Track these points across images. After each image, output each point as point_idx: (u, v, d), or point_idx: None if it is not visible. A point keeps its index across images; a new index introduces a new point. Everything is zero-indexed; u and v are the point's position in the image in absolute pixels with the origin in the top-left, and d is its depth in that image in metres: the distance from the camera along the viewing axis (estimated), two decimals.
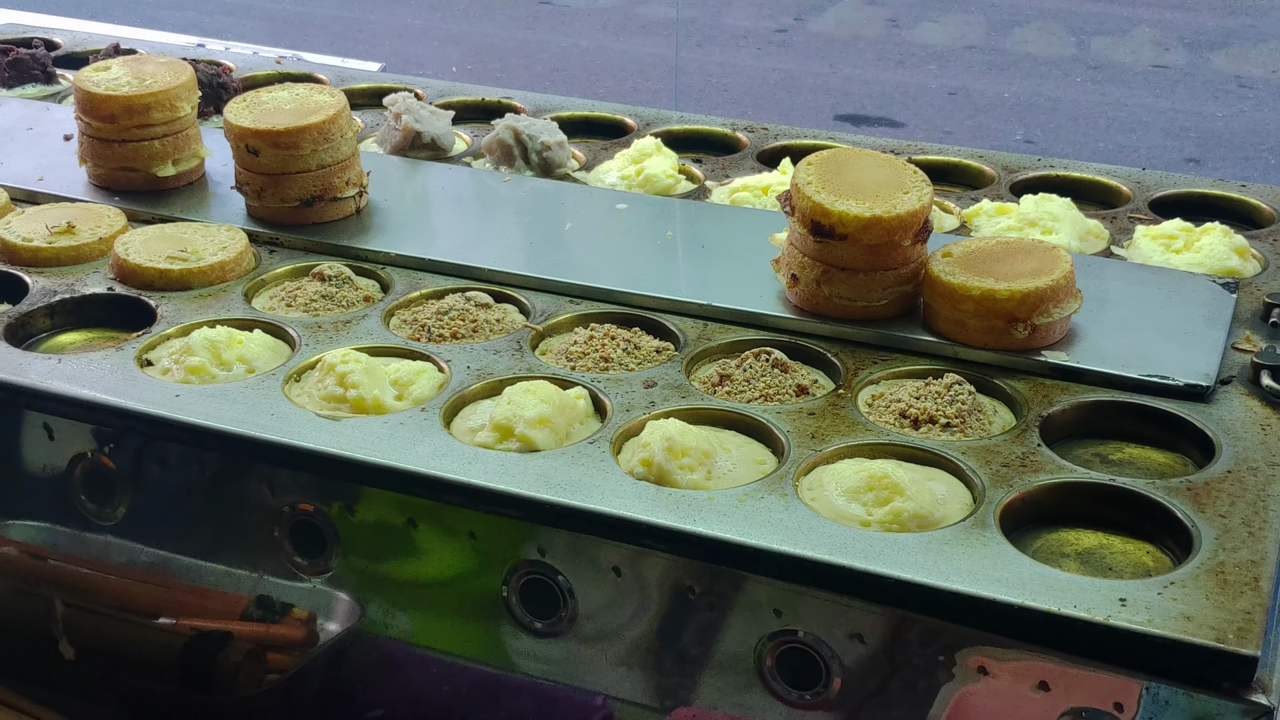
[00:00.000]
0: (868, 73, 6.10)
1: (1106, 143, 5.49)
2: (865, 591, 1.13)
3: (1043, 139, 5.56)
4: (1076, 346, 1.41)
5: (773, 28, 6.55)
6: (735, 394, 1.38)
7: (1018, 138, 5.59)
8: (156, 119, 1.79)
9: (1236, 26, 6.61)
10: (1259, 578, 1.09)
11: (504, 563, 1.27)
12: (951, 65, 6.23)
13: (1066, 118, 5.73)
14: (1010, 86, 6.04)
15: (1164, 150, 5.40)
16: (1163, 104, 5.84)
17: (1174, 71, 6.14)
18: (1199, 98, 5.93)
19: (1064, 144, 5.48)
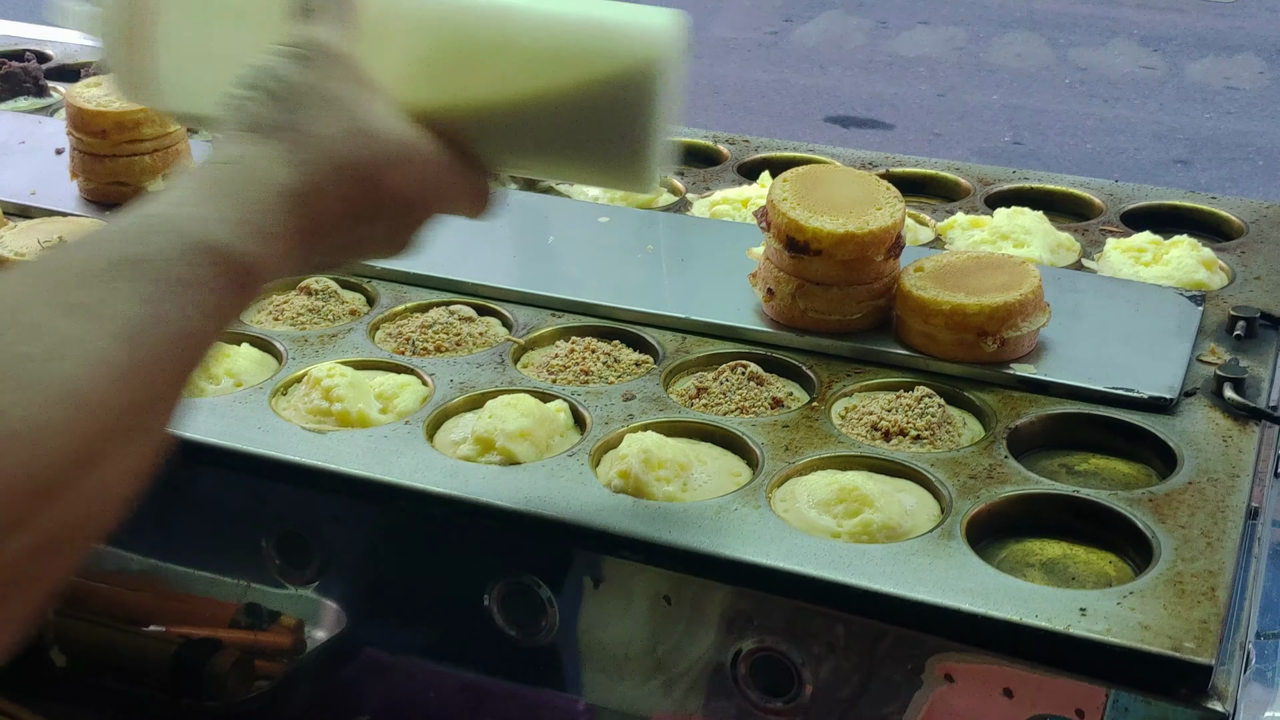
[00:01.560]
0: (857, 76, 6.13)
1: (1095, 145, 5.53)
2: (834, 601, 1.16)
3: (1031, 140, 5.60)
4: (1045, 359, 1.45)
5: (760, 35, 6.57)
6: (712, 406, 1.41)
7: (1006, 139, 5.63)
8: (147, 134, 1.82)
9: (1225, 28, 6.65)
10: (1215, 588, 1.12)
11: (486, 574, 1.30)
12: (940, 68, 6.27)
13: (1054, 119, 5.77)
14: (999, 89, 6.07)
15: (1152, 152, 5.44)
16: (1151, 105, 5.88)
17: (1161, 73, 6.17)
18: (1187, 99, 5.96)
19: (1052, 145, 5.52)
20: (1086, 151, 5.48)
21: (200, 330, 0.81)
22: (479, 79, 1.06)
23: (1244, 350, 1.49)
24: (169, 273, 0.79)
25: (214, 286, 0.82)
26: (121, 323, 0.75)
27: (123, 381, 0.74)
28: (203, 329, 0.81)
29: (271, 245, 0.87)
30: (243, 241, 0.85)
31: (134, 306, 0.76)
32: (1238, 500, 1.24)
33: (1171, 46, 6.39)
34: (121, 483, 0.75)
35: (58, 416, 0.69)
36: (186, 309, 0.79)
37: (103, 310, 0.75)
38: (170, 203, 0.85)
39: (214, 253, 0.82)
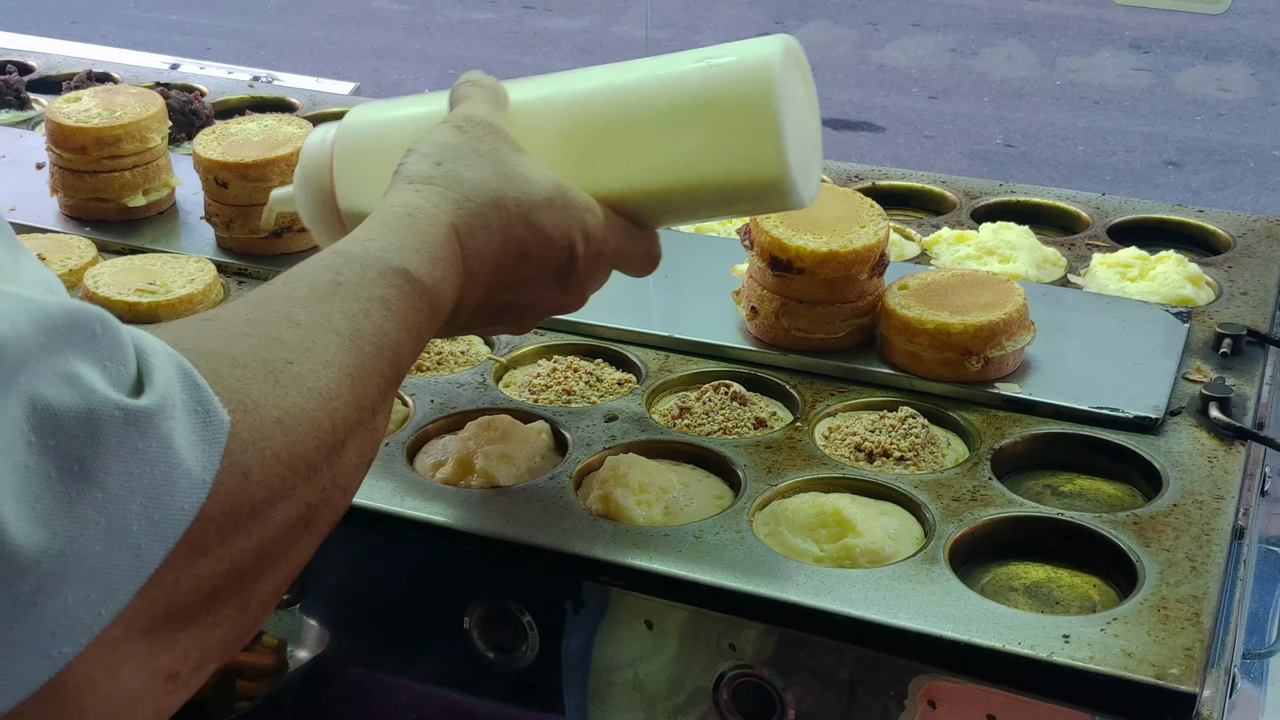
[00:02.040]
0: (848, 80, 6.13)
1: (1086, 147, 5.53)
2: (817, 627, 1.15)
3: (1022, 143, 5.60)
4: (1030, 378, 1.44)
5: None
6: (694, 427, 1.40)
7: (998, 142, 5.63)
8: (127, 150, 1.81)
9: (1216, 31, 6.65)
10: (1200, 613, 1.12)
11: (466, 597, 1.29)
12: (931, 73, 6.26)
13: (1046, 122, 5.76)
14: (990, 92, 6.07)
15: (1143, 155, 5.43)
16: (1141, 108, 5.88)
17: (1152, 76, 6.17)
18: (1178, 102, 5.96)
19: (1043, 148, 5.52)
20: (1078, 154, 5.48)
21: (399, 343, 0.94)
22: (615, 151, 1.17)
23: (1230, 368, 1.48)
24: (368, 292, 0.93)
25: (405, 304, 0.96)
26: (338, 335, 0.88)
27: (350, 382, 0.87)
28: (400, 342, 0.95)
29: (445, 270, 1.02)
30: (420, 266, 0.99)
31: (346, 321, 0.90)
32: (1223, 523, 1.23)
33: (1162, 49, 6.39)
34: (355, 471, 0.89)
35: (311, 407, 0.82)
36: (386, 324, 0.93)
37: (322, 324, 0.88)
38: (354, 241, 0.99)
39: (401, 274, 0.97)
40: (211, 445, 0.72)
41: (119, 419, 0.67)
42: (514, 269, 1.11)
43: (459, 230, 1.05)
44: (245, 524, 0.75)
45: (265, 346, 0.83)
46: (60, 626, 0.64)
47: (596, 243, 1.16)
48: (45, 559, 0.63)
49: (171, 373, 0.71)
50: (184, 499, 0.70)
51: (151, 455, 0.68)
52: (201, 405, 0.72)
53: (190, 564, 0.71)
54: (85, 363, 0.67)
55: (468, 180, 1.08)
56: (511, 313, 1.18)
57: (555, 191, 1.12)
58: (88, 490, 0.65)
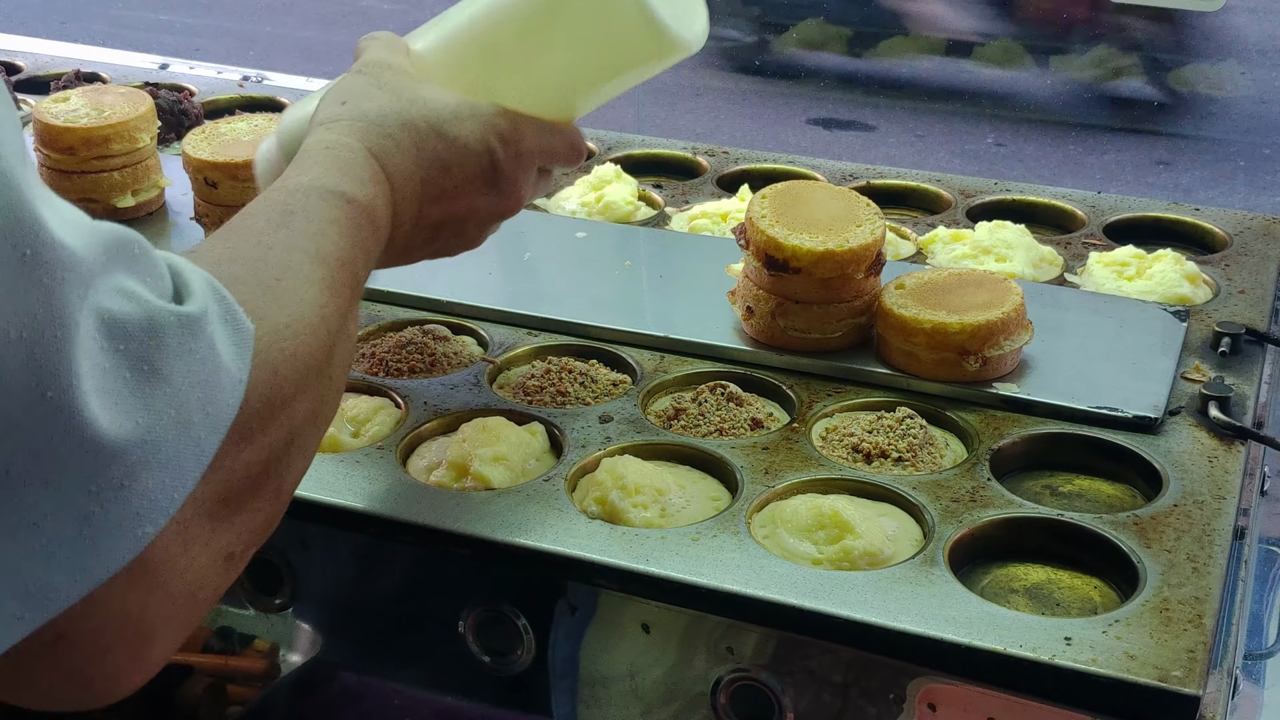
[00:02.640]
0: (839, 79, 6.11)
1: (1077, 146, 5.52)
2: (815, 630, 1.14)
3: (1013, 142, 5.59)
4: (1028, 378, 1.43)
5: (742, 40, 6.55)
6: (690, 428, 1.39)
7: (988, 140, 5.62)
8: (115, 150, 1.79)
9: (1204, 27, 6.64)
10: (1202, 615, 1.11)
11: (460, 601, 1.27)
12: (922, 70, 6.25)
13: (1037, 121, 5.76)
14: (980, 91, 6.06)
15: (1134, 153, 5.42)
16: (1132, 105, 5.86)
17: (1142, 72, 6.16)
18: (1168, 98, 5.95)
19: (1034, 147, 5.51)
20: (1069, 153, 5.47)
21: (354, 258, 1.03)
22: (501, 67, 1.23)
23: (1229, 367, 1.47)
24: (318, 215, 1.01)
25: (351, 223, 1.04)
26: (305, 254, 0.96)
27: (329, 294, 0.95)
28: (355, 257, 1.03)
29: (373, 188, 1.09)
30: (353, 187, 1.07)
31: (308, 241, 0.98)
32: (1224, 523, 1.22)
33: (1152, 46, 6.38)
34: (342, 373, 0.98)
35: (309, 315, 0.91)
36: (341, 240, 1.01)
37: (289, 245, 0.96)
38: (289, 178, 1.06)
39: (339, 196, 1.05)
40: (242, 349, 0.81)
41: (175, 323, 0.75)
42: (439, 181, 1.18)
43: (374, 153, 1.12)
44: (278, 414, 0.85)
45: (253, 268, 0.91)
46: (144, 508, 0.73)
47: (514, 143, 1.21)
48: (131, 447, 0.72)
49: (204, 286, 0.80)
50: (229, 395, 0.79)
51: (202, 355, 0.77)
52: (230, 314, 0.81)
53: (240, 450, 0.81)
54: (133, 278, 0.75)
55: (371, 110, 1.15)
56: (451, 225, 1.23)
57: (461, 105, 1.19)
58: (158, 386, 0.74)
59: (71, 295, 0.69)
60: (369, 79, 1.20)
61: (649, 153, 2.09)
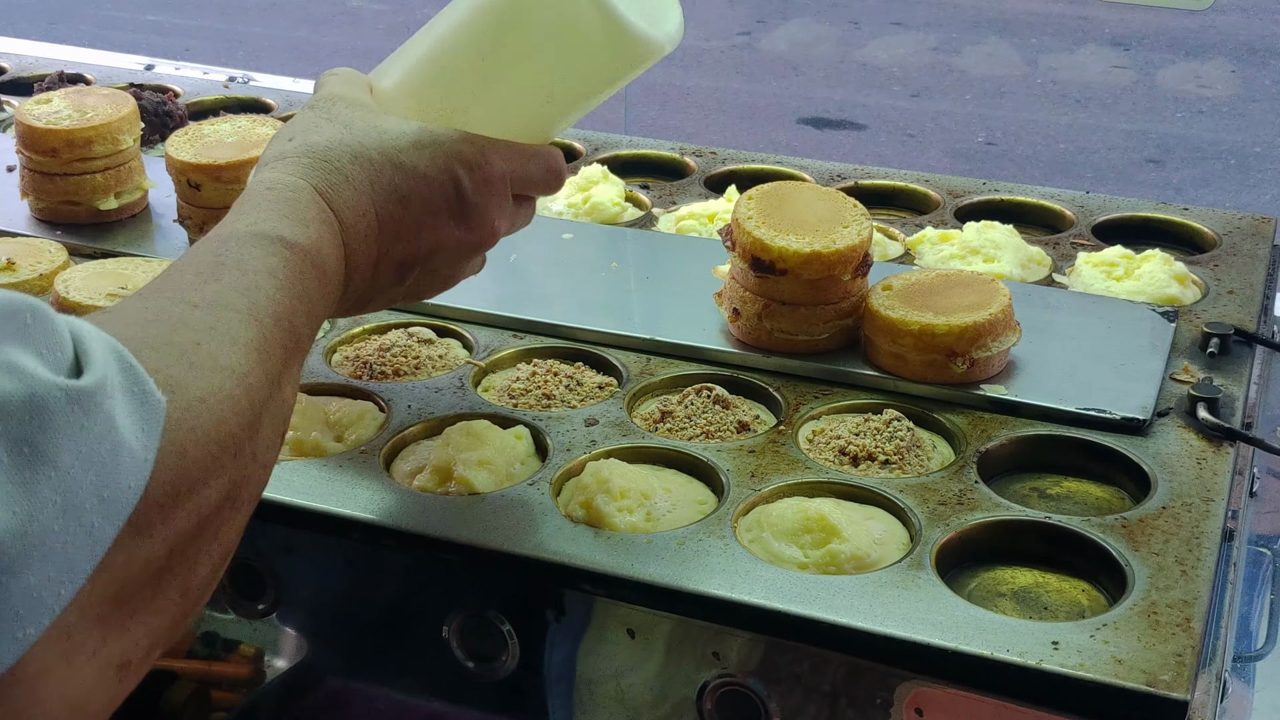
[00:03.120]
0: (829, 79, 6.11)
1: (1067, 144, 5.53)
2: (802, 635, 1.13)
3: (1004, 141, 5.59)
4: (1016, 379, 1.42)
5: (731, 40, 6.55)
6: (676, 431, 1.38)
7: (979, 140, 5.62)
8: (98, 152, 1.78)
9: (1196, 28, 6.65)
10: (1191, 618, 1.10)
11: (444, 606, 1.26)
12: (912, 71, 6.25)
13: (1027, 120, 5.76)
14: (971, 90, 6.06)
15: (1124, 151, 5.43)
16: (1123, 105, 5.88)
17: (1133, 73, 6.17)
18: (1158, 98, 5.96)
19: (1025, 146, 5.51)
20: (1059, 151, 5.48)
21: (294, 311, 0.95)
22: (467, 91, 1.16)
23: (1218, 368, 1.46)
24: (252, 265, 0.94)
25: (290, 271, 0.96)
26: (235, 311, 0.89)
27: (258, 356, 0.88)
28: (295, 310, 0.95)
29: (318, 229, 1.02)
30: (293, 230, 0.99)
31: (239, 296, 0.90)
32: (1212, 526, 1.21)
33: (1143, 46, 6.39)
34: (270, 447, 0.90)
35: (228, 386, 0.83)
36: (278, 293, 0.93)
37: (217, 302, 0.89)
38: (224, 225, 0.99)
39: (277, 242, 0.97)
40: (150, 424, 0.74)
41: (63, 399, 0.68)
42: (398, 217, 1.10)
43: (320, 190, 1.05)
44: (183, 502, 0.76)
45: (172, 330, 0.84)
46: (25, 607, 0.65)
47: (480, 169, 1.13)
48: (8, 539, 0.64)
49: (107, 355, 0.72)
50: (130, 477, 0.71)
51: (98, 433, 0.69)
52: (138, 385, 0.74)
53: (136, 545, 0.72)
54: (22, 350, 0.67)
55: (319, 144, 1.08)
56: (419, 264, 1.15)
57: (419, 133, 1.11)
58: (41, 469, 0.66)
59: None
60: (319, 113, 1.13)
61: (636, 153, 2.08)
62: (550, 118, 1.20)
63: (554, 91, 1.17)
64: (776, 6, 7.07)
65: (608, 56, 1.14)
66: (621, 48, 1.13)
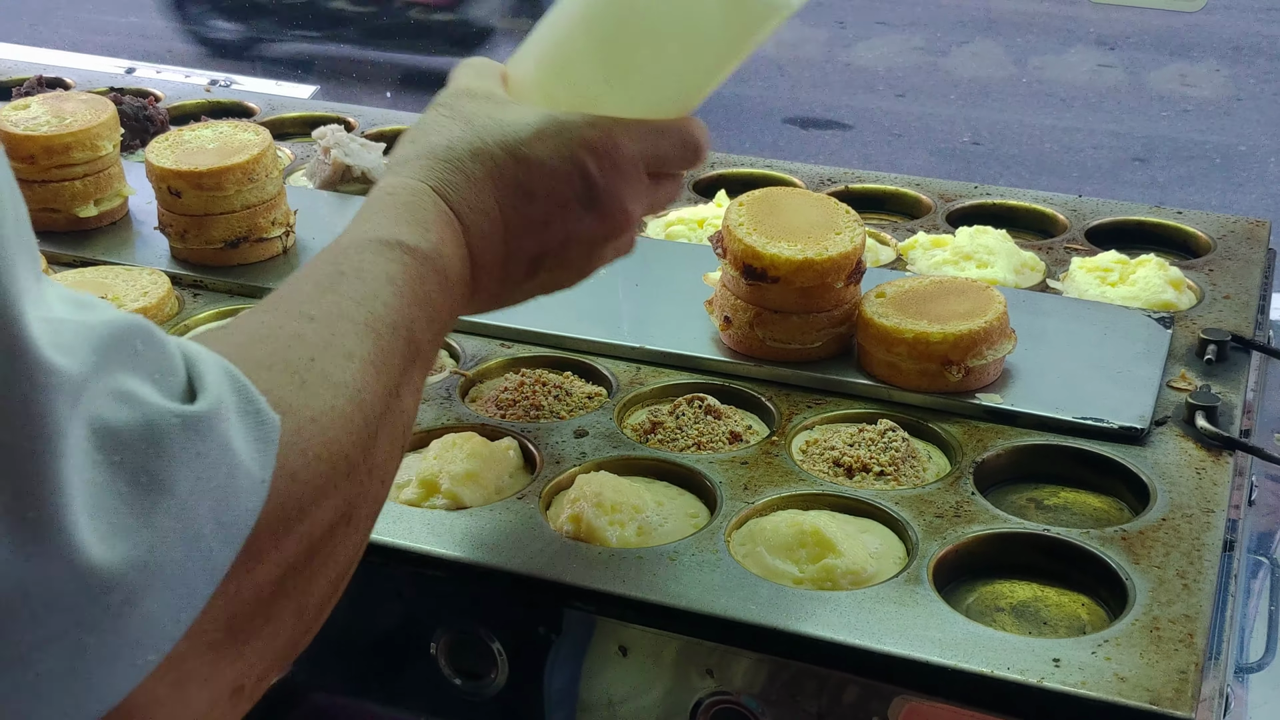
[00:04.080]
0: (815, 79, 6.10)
1: (1053, 144, 5.51)
2: (796, 652, 1.11)
3: (989, 141, 5.58)
4: (1011, 388, 1.40)
5: None
6: (667, 442, 1.36)
7: (965, 139, 5.61)
8: (77, 159, 1.75)
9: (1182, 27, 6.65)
10: (1193, 633, 1.08)
11: (431, 623, 1.24)
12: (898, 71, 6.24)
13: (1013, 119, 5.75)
14: (956, 90, 6.05)
15: (1110, 151, 5.42)
16: (1108, 104, 5.87)
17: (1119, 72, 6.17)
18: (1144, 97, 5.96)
19: (1010, 145, 5.50)
20: (1045, 151, 5.46)
21: (413, 318, 0.92)
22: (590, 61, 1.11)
23: (1215, 375, 1.44)
24: (370, 273, 0.91)
25: (410, 276, 0.94)
26: (352, 322, 0.87)
27: (374, 370, 0.85)
28: (414, 316, 0.92)
29: (440, 231, 0.99)
30: (412, 234, 0.97)
31: (357, 307, 0.88)
32: (1213, 538, 1.19)
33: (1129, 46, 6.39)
34: (388, 460, 0.87)
35: (341, 403, 0.80)
36: (396, 300, 0.91)
37: (335, 313, 0.86)
38: (345, 233, 0.97)
39: (396, 247, 0.95)
40: (266, 445, 0.72)
41: (178, 426, 0.67)
42: (525, 211, 1.06)
43: (439, 191, 1.02)
44: (294, 526, 0.75)
45: (286, 347, 0.82)
46: (144, 634, 0.65)
47: (608, 154, 1.08)
48: (131, 570, 0.64)
49: (220, 377, 0.71)
50: (248, 499, 0.70)
51: (214, 458, 0.69)
52: (252, 406, 0.73)
53: (249, 571, 0.71)
54: (135, 377, 0.67)
55: (439, 144, 1.05)
56: (550, 256, 1.11)
57: (543, 122, 1.07)
58: (161, 499, 0.66)
59: (58, 405, 0.62)
60: (444, 110, 1.09)
61: None
62: (681, 91, 1.14)
63: (681, 65, 1.11)
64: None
65: (730, 22, 1.07)
66: (743, 12, 1.06)
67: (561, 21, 1.13)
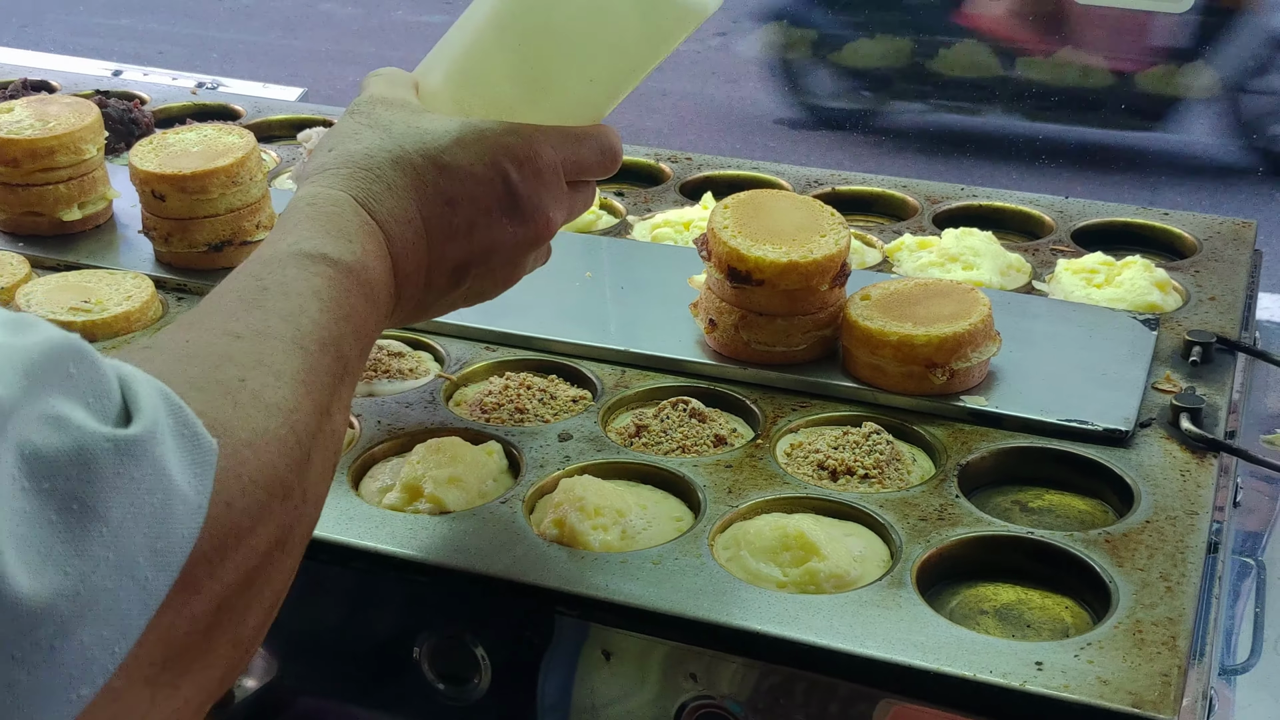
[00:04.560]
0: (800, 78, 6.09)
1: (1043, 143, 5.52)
2: (779, 656, 1.10)
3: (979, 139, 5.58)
4: (996, 390, 1.40)
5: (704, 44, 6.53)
6: (652, 445, 1.35)
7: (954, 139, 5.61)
8: (61, 162, 1.74)
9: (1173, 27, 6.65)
10: (1176, 636, 1.08)
11: (415, 628, 1.23)
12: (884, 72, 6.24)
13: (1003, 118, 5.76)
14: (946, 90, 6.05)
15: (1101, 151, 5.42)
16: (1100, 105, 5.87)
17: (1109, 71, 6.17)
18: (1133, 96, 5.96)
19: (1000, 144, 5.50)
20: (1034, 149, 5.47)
21: (340, 334, 0.91)
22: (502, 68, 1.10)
23: (1200, 377, 1.44)
24: (295, 288, 0.90)
25: (335, 290, 0.92)
26: (280, 340, 0.85)
27: (305, 388, 0.83)
28: (342, 332, 0.91)
29: (362, 242, 0.98)
30: (335, 247, 0.95)
31: (283, 323, 0.86)
32: (1197, 540, 1.19)
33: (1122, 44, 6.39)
34: (320, 481, 0.86)
35: (274, 425, 0.78)
36: (322, 316, 0.89)
37: (261, 330, 0.85)
38: (267, 245, 0.96)
39: (319, 260, 0.93)
40: (203, 469, 0.70)
41: (110, 450, 0.65)
42: (447, 219, 1.05)
43: (362, 201, 1.01)
44: (232, 553, 0.73)
45: (216, 367, 0.80)
46: (78, 668, 0.63)
47: (529, 161, 1.08)
48: (61, 601, 0.62)
49: (156, 399, 0.69)
50: (184, 526, 0.68)
51: (148, 484, 0.66)
52: (189, 430, 0.71)
53: (185, 599, 0.69)
54: (67, 400, 0.65)
55: (358, 152, 1.04)
56: (475, 265, 1.10)
57: (463, 130, 1.06)
58: (92, 525, 0.64)
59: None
60: (359, 118, 1.08)
61: None
62: (596, 98, 1.13)
63: (595, 71, 1.10)
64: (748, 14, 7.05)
65: (647, 29, 1.07)
66: (657, 16, 1.06)
67: (469, 28, 1.12)
